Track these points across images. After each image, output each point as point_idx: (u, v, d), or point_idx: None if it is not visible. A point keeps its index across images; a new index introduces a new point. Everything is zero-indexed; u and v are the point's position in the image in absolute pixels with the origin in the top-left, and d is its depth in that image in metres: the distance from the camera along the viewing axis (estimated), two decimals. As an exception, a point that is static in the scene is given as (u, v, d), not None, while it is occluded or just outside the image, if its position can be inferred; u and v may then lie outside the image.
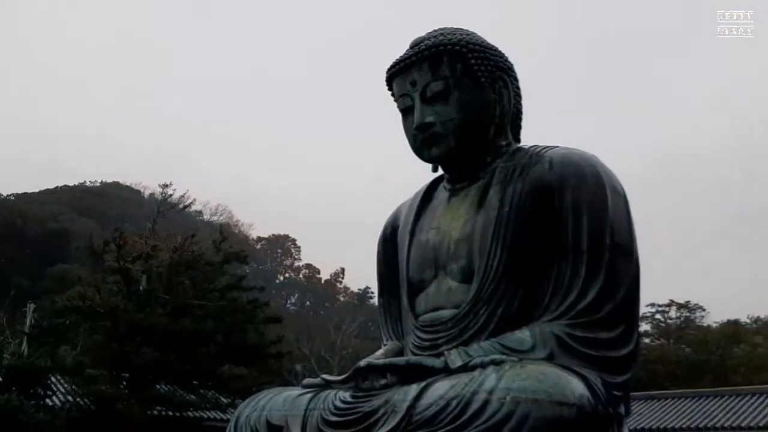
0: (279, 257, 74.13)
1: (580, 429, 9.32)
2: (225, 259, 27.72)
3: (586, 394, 9.77)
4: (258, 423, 12.62)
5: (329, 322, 60.23)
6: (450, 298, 13.69)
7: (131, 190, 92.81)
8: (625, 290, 11.78)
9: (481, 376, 10.15)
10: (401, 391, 10.92)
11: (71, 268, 44.14)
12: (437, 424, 9.73)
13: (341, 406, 11.65)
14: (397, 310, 15.77)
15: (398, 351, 14.74)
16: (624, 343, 11.64)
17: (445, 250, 14.47)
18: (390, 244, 16.59)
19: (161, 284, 26.66)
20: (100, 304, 24.42)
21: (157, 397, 24.77)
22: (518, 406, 9.23)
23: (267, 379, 30.50)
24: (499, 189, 13.43)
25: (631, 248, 12.39)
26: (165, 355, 23.97)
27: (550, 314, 11.93)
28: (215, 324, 27.02)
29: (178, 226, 34.78)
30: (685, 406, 27.12)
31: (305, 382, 14.58)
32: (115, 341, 24.57)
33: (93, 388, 23.05)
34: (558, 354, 11.12)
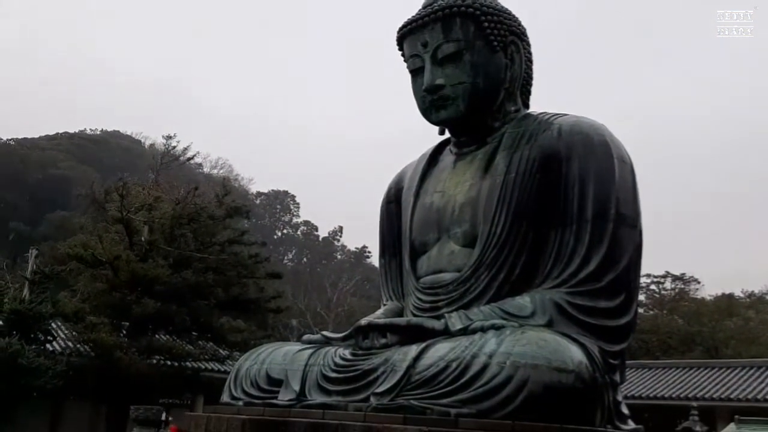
0: (278, 213, 73.92)
1: (578, 395, 9.48)
2: (227, 213, 27.70)
3: (585, 361, 9.91)
4: (258, 376, 12.84)
5: (326, 280, 60.56)
6: (452, 262, 13.77)
7: (132, 140, 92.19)
8: (627, 260, 11.85)
9: (481, 339, 10.29)
10: (401, 351, 11.08)
11: (71, 216, 44.03)
12: (436, 385, 9.90)
13: (341, 363, 11.83)
14: (397, 270, 15.89)
15: (398, 311, 14.89)
16: (623, 313, 11.76)
17: (449, 213, 14.47)
18: (394, 205, 16.61)
19: (163, 236, 26.64)
20: (102, 253, 24.47)
21: (156, 346, 25.05)
22: (517, 370, 9.37)
23: (264, 333, 30.82)
24: (506, 155, 13.40)
25: (635, 219, 12.42)
26: (165, 306, 24.15)
27: (551, 281, 12.03)
28: (216, 277, 27.18)
29: (179, 179, 34.71)
30: (675, 376, 27.52)
31: (305, 338, 14.79)
32: (116, 290, 24.72)
33: (93, 336, 23.27)
34: (557, 321, 11.24)
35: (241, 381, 13.04)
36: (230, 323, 27.81)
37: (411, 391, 10.03)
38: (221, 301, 27.38)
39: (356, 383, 10.93)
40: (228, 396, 13.22)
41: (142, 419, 10.46)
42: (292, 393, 11.62)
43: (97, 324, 23.10)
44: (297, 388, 11.67)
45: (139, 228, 26.19)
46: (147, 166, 41.39)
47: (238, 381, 13.14)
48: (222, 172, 63.25)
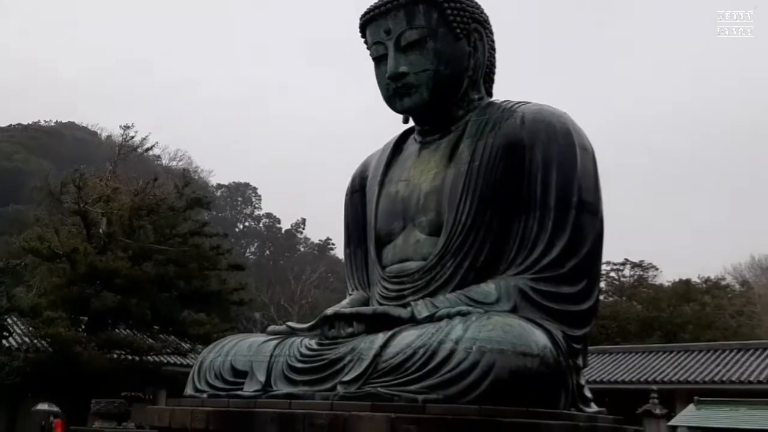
0: (239, 205, 72.90)
1: (543, 379, 9.60)
2: (187, 204, 27.18)
3: (549, 345, 10.05)
4: (222, 368, 12.68)
5: (289, 272, 60.12)
6: (418, 250, 13.80)
7: (87, 131, 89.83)
8: (589, 247, 12.04)
9: (447, 326, 10.33)
10: (368, 340, 11.06)
11: (26, 209, 42.84)
12: (403, 372, 9.91)
13: (307, 353, 11.76)
14: (363, 260, 15.87)
15: (364, 301, 14.87)
16: (585, 298, 11.95)
17: (414, 202, 14.49)
18: (358, 195, 16.55)
19: (122, 228, 26.03)
20: (58, 246, 23.81)
21: (116, 341, 24.52)
22: (484, 355, 9.44)
23: (227, 326, 30.40)
24: (470, 143, 13.46)
25: (596, 206, 12.62)
26: (125, 300, 23.62)
27: (515, 268, 12.15)
28: (177, 269, 26.71)
29: (137, 170, 33.95)
30: (635, 360, 28.14)
31: (270, 329, 14.65)
32: (74, 284, 24.10)
33: (51, 331, 22.66)
34: (522, 307, 11.36)
35: (205, 373, 12.87)
36: (192, 316, 27.42)
37: (378, 379, 10.03)
38: (183, 293, 26.99)
39: (323, 373, 10.88)
40: (192, 389, 13.03)
41: (104, 413, 10.25)
42: (257, 384, 11.51)
43: (54, 319, 22.54)
44: (262, 379, 11.58)
45: (97, 220, 25.63)
46: (104, 158, 40.45)
47: (202, 373, 12.96)
48: (181, 164, 62.45)
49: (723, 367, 24.10)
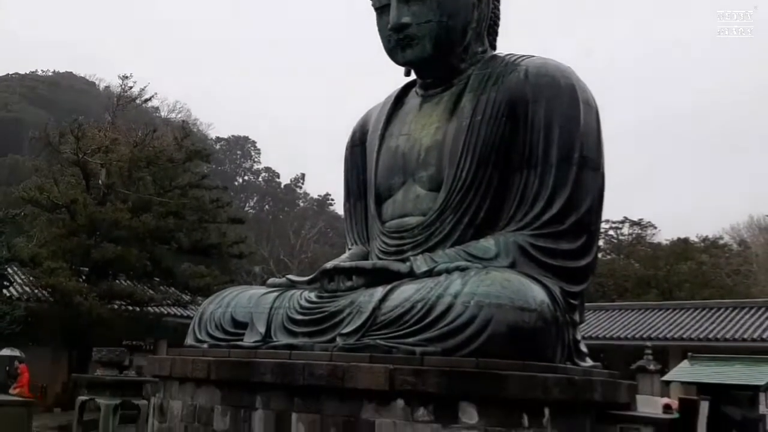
0: (238, 159, 72.43)
1: (539, 333, 9.70)
2: (187, 156, 26.99)
3: (547, 300, 10.13)
4: (223, 319, 12.83)
5: (289, 227, 60.18)
6: (417, 206, 13.80)
7: (85, 82, 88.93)
8: (590, 203, 12.02)
9: (446, 281, 10.40)
10: (367, 293, 11.15)
11: (24, 159, 42.58)
12: (402, 325, 10.02)
13: (306, 306, 11.87)
14: (362, 215, 15.88)
15: (363, 255, 14.93)
16: (584, 255, 12.00)
17: (414, 157, 14.44)
18: (358, 149, 16.46)
19: (121, 179, 25.88)
20: (58, 197, 23.69)
21: (117, 291, 24.66)
22: (481, 310, 9.53)
23: (227, 279, 30.60)
24: (472, 97, 13.31)
25: (598, 162, 12.55)
26: (125, 251, 23.66)
27: (515, 224, 12.16)
28: (177, 221, 26.64)
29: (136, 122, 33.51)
30: (630, 317, 28.38)
31: (270, 282, 14.77)
32: (73, 235, 24.05)
33: (51, 281, 22.72)
34: (520, 262, 11.41)
35: (206, 324, 13.02)
36: (192, 268, 27.52)
37: (377, 332, 10.13)
38: (183, 246, 27.02)
39: (322, 325, 11.00)
40: (192, 339, 13.20)
41: (105, 361, 10.40)
42: (257, 335, 11.65)
43: (55, 269, 22.61)
44: (262, 330, 11.71)
45: (96, 171, 25.48)
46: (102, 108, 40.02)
47: (203, 324, 13.12)
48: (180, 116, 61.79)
49: (717, 324, 24.37)
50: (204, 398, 10.95)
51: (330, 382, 9.36)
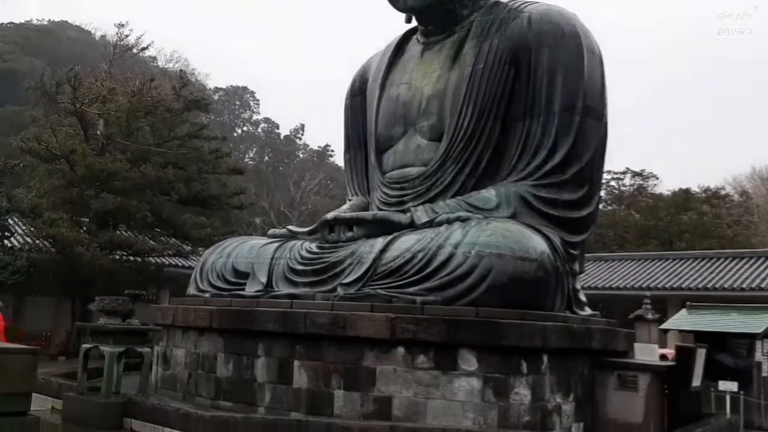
0: (237, 109, 71.56)
1: (539, 283, 9.75)
2: (185, 106, 26.54)
3: (547, 251, 10.14)
4: (224, 269, 12.88)
5: (289, 179, 60.00)
6: (418, 156, 13.70)
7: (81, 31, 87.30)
8: (592, 153, 11.92)
9: (447, 231, 10.39)
10: (367, 244, 11.16)
11: (22, 110, 42.12)
12: (402, 275, 10.05)
13: (307, 256, 11.90)
14: (363, 165, 15.79)
15: (364, 206, 14.90)
16: (585, 205, 11.96)
17: (416, 106, 14.27)
18: (358, 98, 16.27)
19: (119, 129, 25.51)
20: (56, 147, 23.42)
21: (118, 242, 24.61)
22: (482, 259, 9.55)
23: (227, 230, 30.57)
24: (474, 44, 13.07)
25: (601, 111, 12.40)
26: (125, 202, 23.53)
27: (516, 174, 12.08)
28: (176, 172, 26.44)
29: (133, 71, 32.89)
30: (630, 268, 28.41)
31: (270, 233, 14.79)
32: (73, 185, 23.89)
33: (52, 231, 22.63)
34: (521, 213, 11.39)
35: (207, 274, 13.09)
36: (193, 219, 27.51)
37: (378, 282, 10.18)
38: (183, 196, 26.95)
39: (323, 275, 11.04)
40: (194, 289, 13.29)
41: (108, 309, 10.48)
42: (259, 285, 11.72)
43: (55, 220, 22.60)
44: (264, 280, 11.77)
45: (94, 121, 25.23)
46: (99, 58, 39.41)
47: (204, 274, 13.19)
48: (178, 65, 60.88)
49: (717, 274, 24.52)
50: (207, 346, 11.07)
51: (331, 330, 9.45)
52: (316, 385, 9.54)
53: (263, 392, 10.01)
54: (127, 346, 10.24)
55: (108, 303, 10.53)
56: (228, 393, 10.45)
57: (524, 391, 9.01)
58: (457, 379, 8.94)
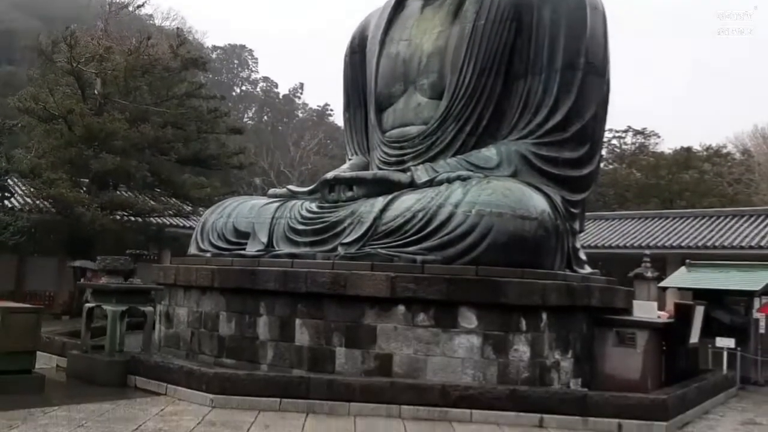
0: (235, 68, 70.67)
1: (539, 242, 9.76)
2: (183, 65, 26.12)
3: (547, 209, 10.14)
4: (225, 229, 12.90)
5: (288, 138, 59.59)
6: (419, 114, 13.60)
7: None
8: (594, 111, 11.83)
9: (447, 190, 10.38)
10: (368, 203, 11.16)
11: (18, 70, 41.63)
12: (402, 235, 10.06)
13: (308, 216, 11.90)
14: (362, 124, 15.68)
15: (363, 166, 14.85)
16: (586, 163, 11.92)
17: (416, 64, 14.11)
18: (358, 56, 16.08)
19: (117, 89, 25.17)
20: (54, 107, 23.14)
21: (118, 202, 24.53)
22: (482, 218, 9.55)
23: (227, 190, 30.48)
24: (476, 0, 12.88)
25: (604, 68, 12.26)
26: (125, 162, 23.38)
27: (517, 132, 12.01)
28: (175, 132, 26.15)
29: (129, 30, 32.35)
30: (630, 226, 28.37)
31: (270, 192, 14.77)
32: (72, 145, 23.68)
33: (52, 191, 22.54)
34: (522, 171, 11.36)
35: (208, 234, 13.11)
36: (192, 179, 27.43)
37: (378, 241, 10.20)
38: (182, 156, 26.81)
39: (323, 234, 11.06)
40: (195, 248, 13.34)
41: (110, 269, 10.53)
42: (259, 244, 11.75)
43: (55, 180, 22.52)
44: (264, 240, 11.80)
45: (91, 80, 24.94)
46: (94, 17, 38.75)
47: (205, 234, 13.21)
48: (174, 24, 59.79)
49: (716, 232, 24.52)
50: (209, 305, 11.16)
51: (332, 289, 9.51)
52: (318, 342, 9.64)
53: (265, 350, 10.12)
54: (129, 305, 10.32)
55: (109, 263, 10.57)
56: (231, 351, 10.57)
57: (523, 348, 9.12)
58: (457, 336, 9.03)
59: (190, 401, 8.44)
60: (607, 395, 8.30)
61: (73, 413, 7.65)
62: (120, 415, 7.66)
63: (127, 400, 8.53)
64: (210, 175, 31.01)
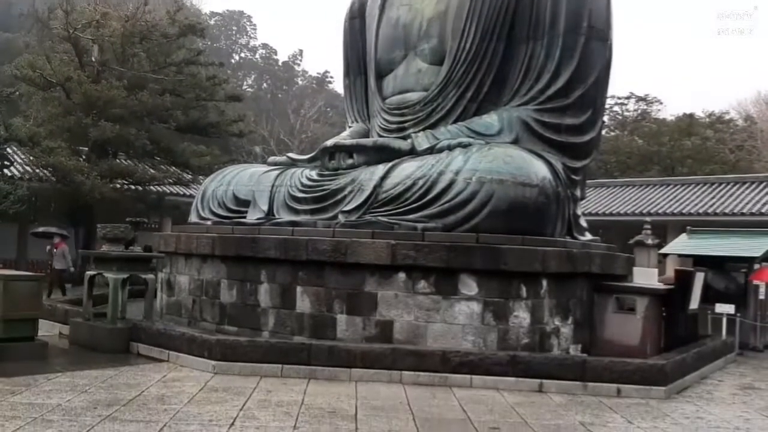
0: (234, 35, 69.79)
1: (540, 208, 9.73)
2: (180, 31, 25.75)
3: (549, 176, 10.08)
4: (225, 197, 12.88)
5: (288, 106, 59.18)
6: (419, 80, 13.45)
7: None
8: (596, 76, 11.67)
9: (447, 157, 10.31)
10: (368, 171, 11.10)
11: (15, 38, 41.19)
12: (403, 202, 10.03)
13: (308, 183, 11.86)
14: (362, 91, 15.53)
15: (364, 133, 14.75)
16: (588, 129, 11.81)
17: (416, 29, 13.92)
18: (357, 21, 15.86)
19: (114, 56, 24.89)
20: (51, 74, 22.90)
21: (118, 170, 24.42)
22: (483, 186, 9.51)
23: (227, 158, 30.35)
24: (477, -38, 12.64)
25: (606, 33, 12.07)
26: (124, 130, 23.21)
27: (519, 98, 11.88)
28: (174, 99, 25.92)
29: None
30: (631, 194, 28.24)
31: (270, 160, 14.69)
32: (70, 113, 23.51)
33: (52, 160, 22.44)
34: (524, 138, 11.27)
35: (208, 202, 13.10)
36: (192, 147, 27.28)
37: (378, 209, 10.18)
38: (181, 124, 26.58)
39: (324, 202, 11.04)
40: (196, 217, 13.32)
41: (111, 237, 10.52)
42: (260, 212, 11.74)
43: (54, 148, 22.40)
44: (265, 207, 11.78)
45: (88, 47, 24.63)
46: (91, -18, 38.26)
47: (205, 202, 13.19)
48: (172, -12, 58.92)
49: (718, 199, 24.45)
50: (210, 273, 11.19)
51: (333, 257, 9.52)
52: (319, 309, 9.68)
53: (267, 317, 10.17)
54: (130, 273, 10.34)
55: (110, 231, 10.56)
56: (232, 318, 10.62)
57: (523, 314, 9.16)
58: (458, 303, 9.06)
59: (192, 368, 8.50)
60: (607, 360, 8.35)
61: (76, 379, 7.71)
62: (123, 381, 7.72)
63: (129, 367, 8.60)
64: (209, 143, 30.88)
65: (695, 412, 7.48)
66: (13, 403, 6.54)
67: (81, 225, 24.95)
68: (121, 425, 5.85)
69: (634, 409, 7.40)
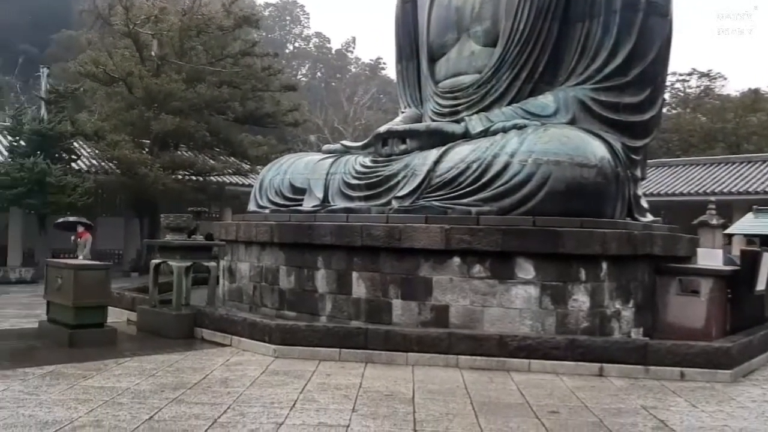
0: (288, 25, 70.41)
1: (599, 189, 9.54)
2: (236, 23, 26.21)
3: (607, 156, 9.87)
4: (282, 185, 13.10)
5: (341, 94, 59.49)
6: (472, 63, 13.33)
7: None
8: (656, 52, 11.31)
9: (502, 139, 10.20)
10: (421, 156, 11.10)
11: (78, 35, 42.52)
12: (457, 186, 10.00)
13: (362, 170, 11.94)
14: (415, 76, 15.48)
15: (417, 118, 14.71)
16: (648, 108, 11.48)
17: (469, 10, 13.78)
18: (409, 5, 15.78)
19: (173, 49, 25.54)
20: (113, 70, 23.70)
21: (179, 162, 25.16)
22: (539, 167, 9.38)
23: (284, 148, 30.83)
24: (530, -60, 12.40)
25: (666, 7, 11.68)
26: (184, 122, 23.83)
27: (575, 78, 11.62)
28: (231, 91, 26.48)
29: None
30: (695, 173, 27.27)
31: (325, 148, 14.85)
32: (132, 108, 24.33)
33: (116, 153, 23.28)
34: (580, 118, 11.04)
35: (266, 191, 13.36)
36: (249, 138, 27.81)
37: (432, 193, 10.17)
38: (238, 115, 27.13)
39: (377, 188, 11.10)
40: (254, 205, 13.61)
41: (173, 226, 10.87)
42: (315, 200, 11.89)
43: (118, 141, 23.22)
44: (320, 195, 11.93)
45: (148, 42, 25.33)
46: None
47: (263, 191, 13.46)
48: (226, -19, 59.88)
49: (786, 177, 23.51)
50: (269, 260, 11.42)
51: (387, 242, 9.57)
52: (374, 294, 9.76)
53: (324, 302, 10.33)
54: (193, 261, 10.64)
55: (173, 220, 10.89)
56: (291, 303, 10.83)
57: (583, 298, 9.02)
58: (514, 287, 8.99)
59: (253, 352, 8.72)
60: (669, 343, 8.16)
61: (144, 364, 8.00)
62: (188, 365, 7.98)
63: (194, 351, 8.88)
64: (266, 133, 31.37)
65: (762, 395, 7.25)
66: (86, 386, 6.85)
67: (145, 215, 25.80)
68: (188, 407, 6.05)
69: (699, 392, 7.23)
